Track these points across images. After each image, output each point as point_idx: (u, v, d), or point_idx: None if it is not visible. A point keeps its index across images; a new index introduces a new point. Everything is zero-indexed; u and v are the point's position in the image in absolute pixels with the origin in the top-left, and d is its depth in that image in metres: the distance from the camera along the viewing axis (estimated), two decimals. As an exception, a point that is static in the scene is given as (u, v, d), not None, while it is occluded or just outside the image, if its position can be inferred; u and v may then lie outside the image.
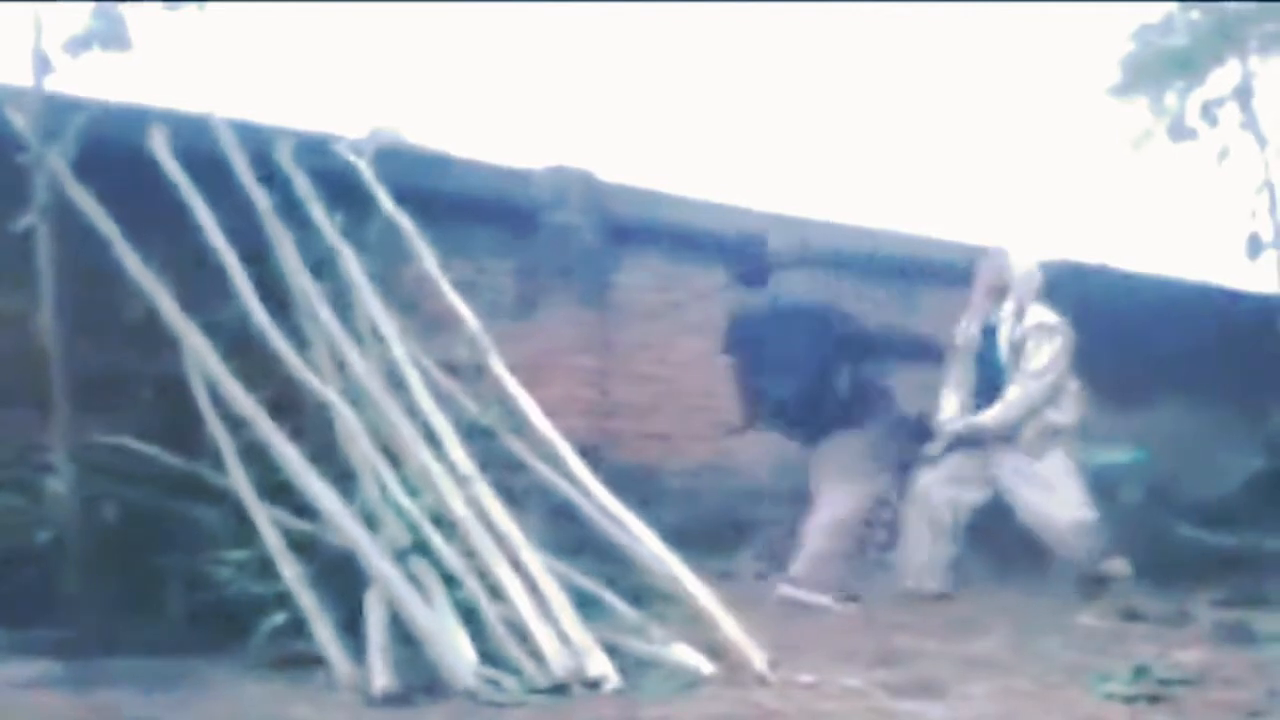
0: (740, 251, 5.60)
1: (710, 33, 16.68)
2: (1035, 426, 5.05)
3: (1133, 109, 9.10)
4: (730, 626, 3.57)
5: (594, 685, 3.17)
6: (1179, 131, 8.91)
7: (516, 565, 3.57)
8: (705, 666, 3.39)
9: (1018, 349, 5.07)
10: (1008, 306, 5.14)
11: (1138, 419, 6.75)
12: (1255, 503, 6.56)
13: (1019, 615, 4.69)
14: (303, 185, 4.78)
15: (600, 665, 3.24)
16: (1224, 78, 8.80)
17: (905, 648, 3.95)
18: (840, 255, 6.61)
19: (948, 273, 7.02)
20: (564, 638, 3.32)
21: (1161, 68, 8.87)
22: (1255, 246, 7.69)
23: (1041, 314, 5.18)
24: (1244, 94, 8.60)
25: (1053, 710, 3.00)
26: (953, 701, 3.15)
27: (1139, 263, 7.91)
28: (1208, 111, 8.79)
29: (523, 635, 3.34)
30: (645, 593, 3.90)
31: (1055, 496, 5.04)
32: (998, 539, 5.27)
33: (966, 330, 5.31)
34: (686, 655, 3.45)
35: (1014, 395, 5.09)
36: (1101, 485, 5.38)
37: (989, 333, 5.18)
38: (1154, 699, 3.16)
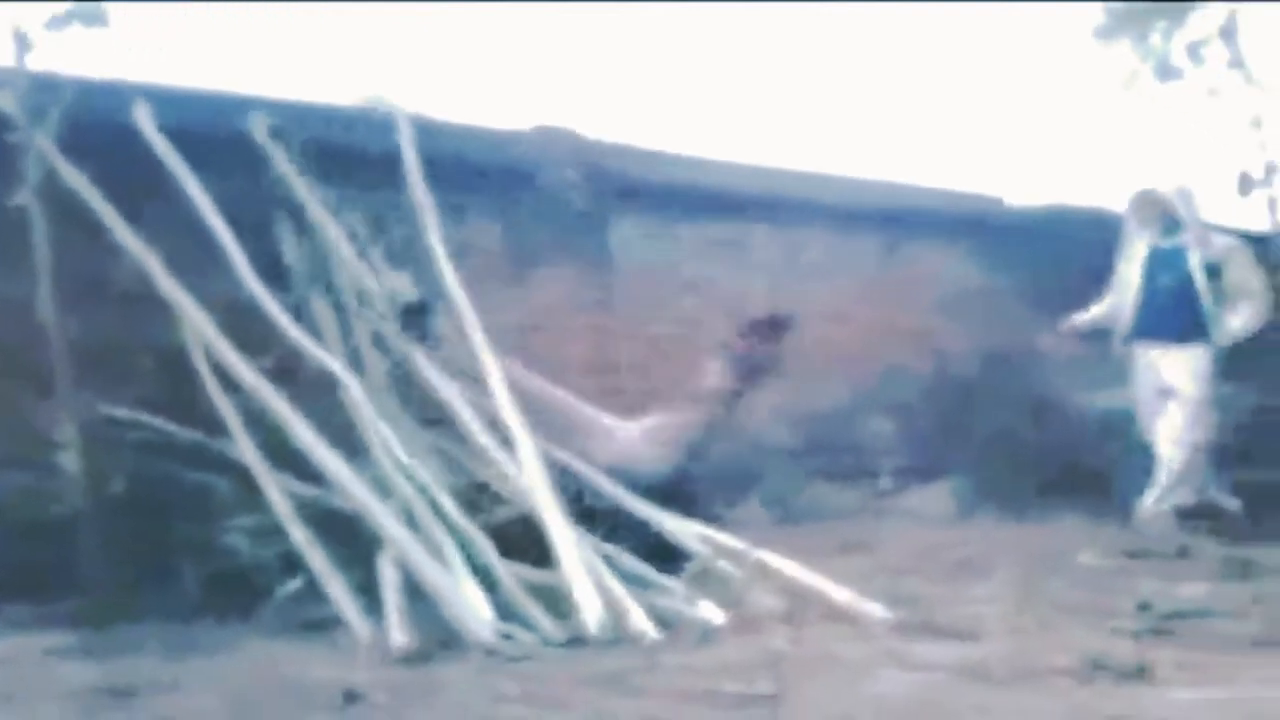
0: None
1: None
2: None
3: (1118, 50, 9.10)
4: (833, 589, 3.61)
5: (635, 640, 3.17)
6: (1165, 71, 8.93)
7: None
8: (717, 618, 3.40)
9: (1216, 271, 5.60)
10: (1188, 236, 5.64)
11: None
12: (1251, 438, 6.57)
13: (1022, 554, 4.73)
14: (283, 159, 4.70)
15: (639, 621, 3.25)
16: (1208, 18, 8.78)
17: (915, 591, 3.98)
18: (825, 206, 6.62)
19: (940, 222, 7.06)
20: (601, 594, 3.31)
21: (1143, 9, 8.87)
22: (1246, 184, 7.71)
23: (1224, 238, 5.80)
24: (1229, 33, 8.58)
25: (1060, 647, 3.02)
26: (965, 641, 3.18)
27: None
28: (1193, 51, 8.78)
29: (535, 592, 3.36)
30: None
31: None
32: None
33: (1130, 256, 5.81)
34: (707, 610, 3.45)
35: (1252, 309, 5.67)
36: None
37: (1158, 257, 5.69)
38: (1158, 633, 3.20)
